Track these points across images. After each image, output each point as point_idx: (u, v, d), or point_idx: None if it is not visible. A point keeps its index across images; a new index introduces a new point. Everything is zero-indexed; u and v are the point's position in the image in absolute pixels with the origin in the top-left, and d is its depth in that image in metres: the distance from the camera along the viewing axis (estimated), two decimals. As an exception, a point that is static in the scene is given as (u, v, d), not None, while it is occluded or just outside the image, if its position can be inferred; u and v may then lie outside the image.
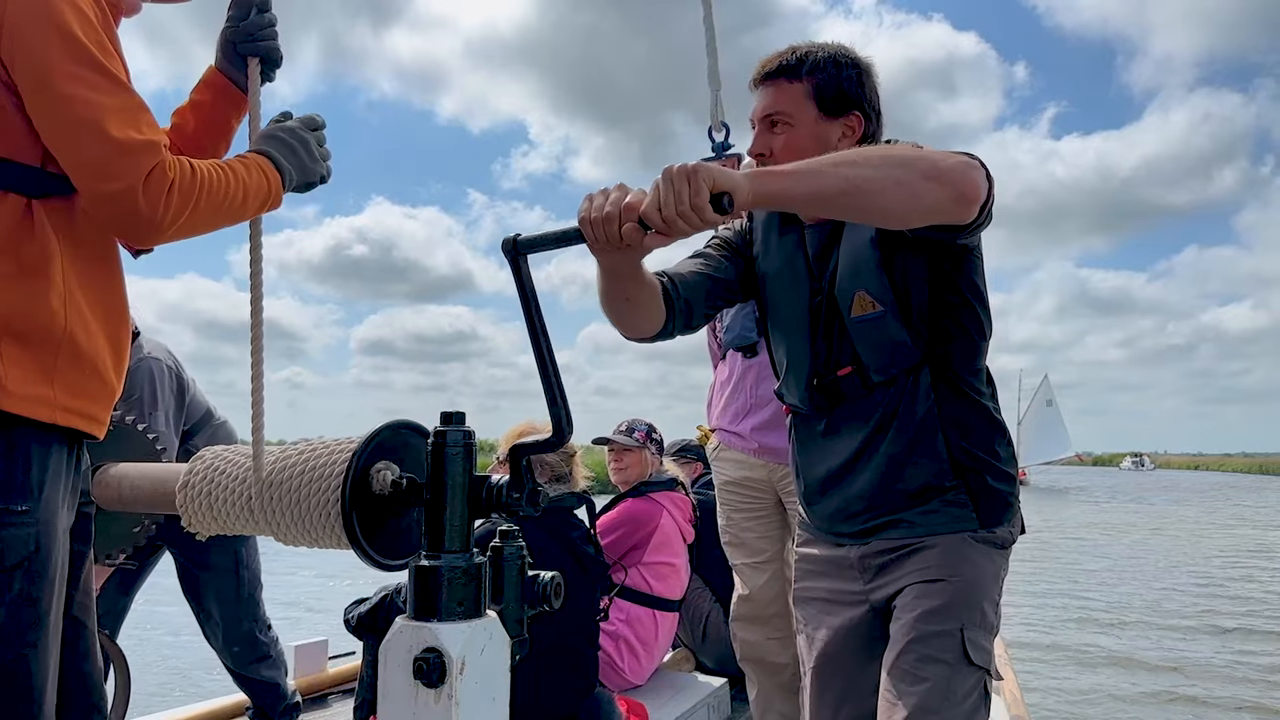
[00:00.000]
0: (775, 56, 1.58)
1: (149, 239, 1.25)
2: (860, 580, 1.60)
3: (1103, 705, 7.01)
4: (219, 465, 1.54)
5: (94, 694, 1.38)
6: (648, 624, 2.77)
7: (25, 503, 1.18)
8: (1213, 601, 11.87)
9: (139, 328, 2.52)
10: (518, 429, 2.53)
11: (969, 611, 1.47)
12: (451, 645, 1.13)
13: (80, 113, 1.17)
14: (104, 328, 1.30)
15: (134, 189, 1.18)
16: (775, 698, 2.67)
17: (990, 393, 1.58)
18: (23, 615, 1.18)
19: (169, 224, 1.22)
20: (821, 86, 1.54)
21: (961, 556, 1.51)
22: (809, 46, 1.57)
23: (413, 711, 1.18)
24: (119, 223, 1.22)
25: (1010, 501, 1.57)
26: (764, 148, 1.56)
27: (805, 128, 1.54)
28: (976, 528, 1.52)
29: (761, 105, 1.57)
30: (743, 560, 2.70)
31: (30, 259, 1.21)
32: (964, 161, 1.30)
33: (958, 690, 1.44)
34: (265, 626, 2.78)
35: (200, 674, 6.45)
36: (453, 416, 1.31)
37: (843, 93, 1.55)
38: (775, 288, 1.66)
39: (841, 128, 1.55)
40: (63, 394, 1.23)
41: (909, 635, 1.47)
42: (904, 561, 1.54)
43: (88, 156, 1.18)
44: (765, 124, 1.57)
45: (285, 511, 1.42)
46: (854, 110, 1.56)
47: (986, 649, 1.48)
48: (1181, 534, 22.19)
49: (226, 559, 2.67)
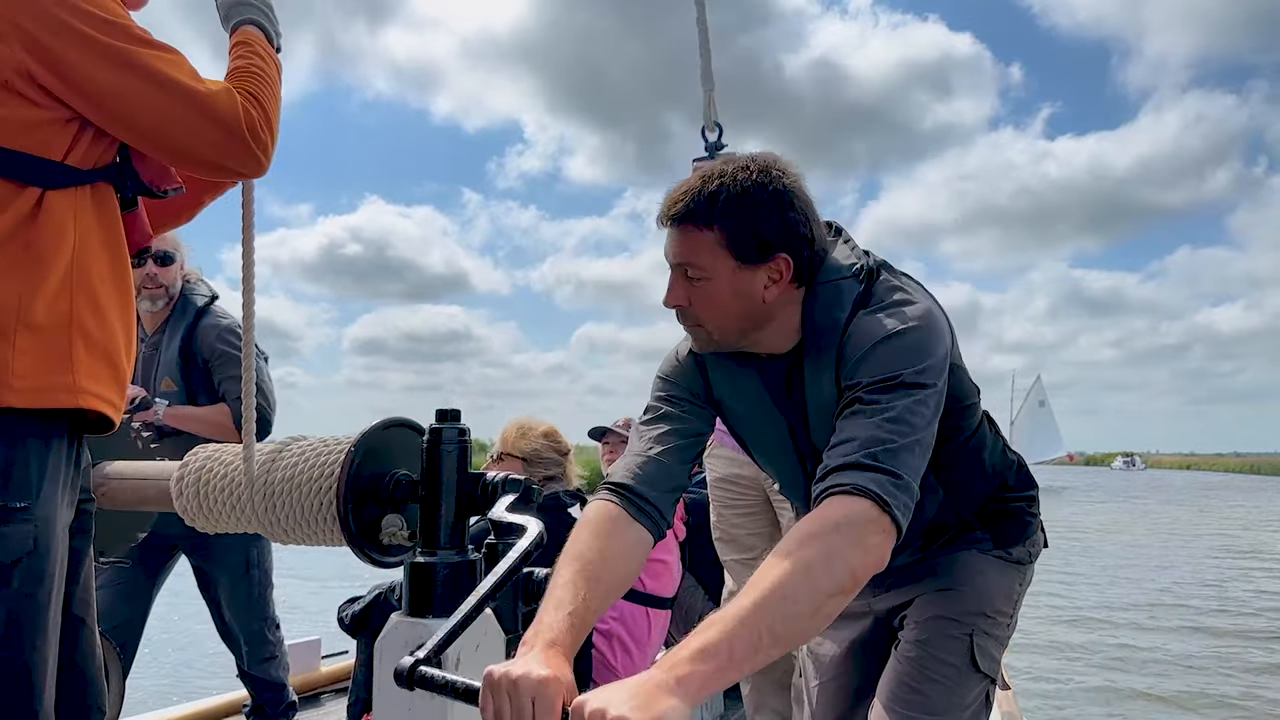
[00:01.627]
0: (681, 194, 1.34)
1: (261, 169, 1.41)
2: (868, 594, 1.58)
3: (1092, 707, 7.05)
4: (211, 465, 1.55)
5: (94, 693, 1.38)
6: (641, 621, 2.78)
7: (24, 500, 1.19)
8: (1204, 601, 11.94)
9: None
10: (515, 427, 2.54)
11: (979, 619, 1.49)
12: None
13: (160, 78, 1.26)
14: (115, 314, 1.31)
15: (238, 132, 1.32)
16: (768, 694, 2.67)
17: (991, 441, 1.54)
18: (21, 613, 1.18)
19: (272, 146, 1.39)
20: (735, 235, 1.31)
21: (974, 569, 1.52)
22: (719, 180, 1.32)
23: (408, 706, 1.19)
24: (236, 166, 1.37)
25: (1027, 520, 1.58)
26: (681, 299, 1.36)
27: (723, 280, 1.33)
28: (991, 547, 1.54)
29: (672, 250, 1.36)
30: (733, 556, 2.71)
31: (42, 248, 1.22)
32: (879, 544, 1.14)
33: (964, 696, 1.45)
34: (274, 625, 2.80)
35: (191, 673, 6.45)
36: (448, 414, 1.32)
37: (761, 238, 1.31)
38: (749, 427, 1.54)
39: (766, 274, 1.33)
40: (83, 378, 1.24)
41: (918, 637, 1.48)
42: (914, 575, 1.56)
43: (182, 117, 1.28)
44: (679, 273, 1.36)
45: (280, 510, 1.43)
46: (779, 253, 1.32)
47: (994, 658, 1.50)
48: (1172, 533, 22.30)
49: (238, 560, 2.68)
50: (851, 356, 1.31)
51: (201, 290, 2.73)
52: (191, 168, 1.39)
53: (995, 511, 1.55)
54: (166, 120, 1.27)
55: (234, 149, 1.33)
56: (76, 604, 1.35)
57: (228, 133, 1.31)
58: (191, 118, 1.28)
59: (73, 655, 1.34)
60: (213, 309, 2.70)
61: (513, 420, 2.59)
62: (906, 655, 1.48)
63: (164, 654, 7.19)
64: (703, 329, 1.38)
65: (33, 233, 1.22)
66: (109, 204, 1.33)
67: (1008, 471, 1.58)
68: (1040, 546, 1.63)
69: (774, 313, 1.36)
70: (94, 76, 1.22)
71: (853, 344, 1.32)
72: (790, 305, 1.37)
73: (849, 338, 1.33)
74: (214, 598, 2.75)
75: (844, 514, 1.14)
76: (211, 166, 1.37)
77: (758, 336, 1.39)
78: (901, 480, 1.17)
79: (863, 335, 1.31)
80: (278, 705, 2.80)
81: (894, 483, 1.16)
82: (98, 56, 1.22)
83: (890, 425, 1.21)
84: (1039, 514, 1.62)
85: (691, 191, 1.33)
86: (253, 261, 1.60)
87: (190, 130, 1.29)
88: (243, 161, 1.36)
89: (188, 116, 1.28)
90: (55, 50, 1.19)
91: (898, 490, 1.16)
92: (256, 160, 1.37)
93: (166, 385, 2.64)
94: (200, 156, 1.33)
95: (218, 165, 1.36)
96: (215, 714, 3.07)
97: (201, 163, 1.36)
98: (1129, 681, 7.75)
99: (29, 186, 1.22)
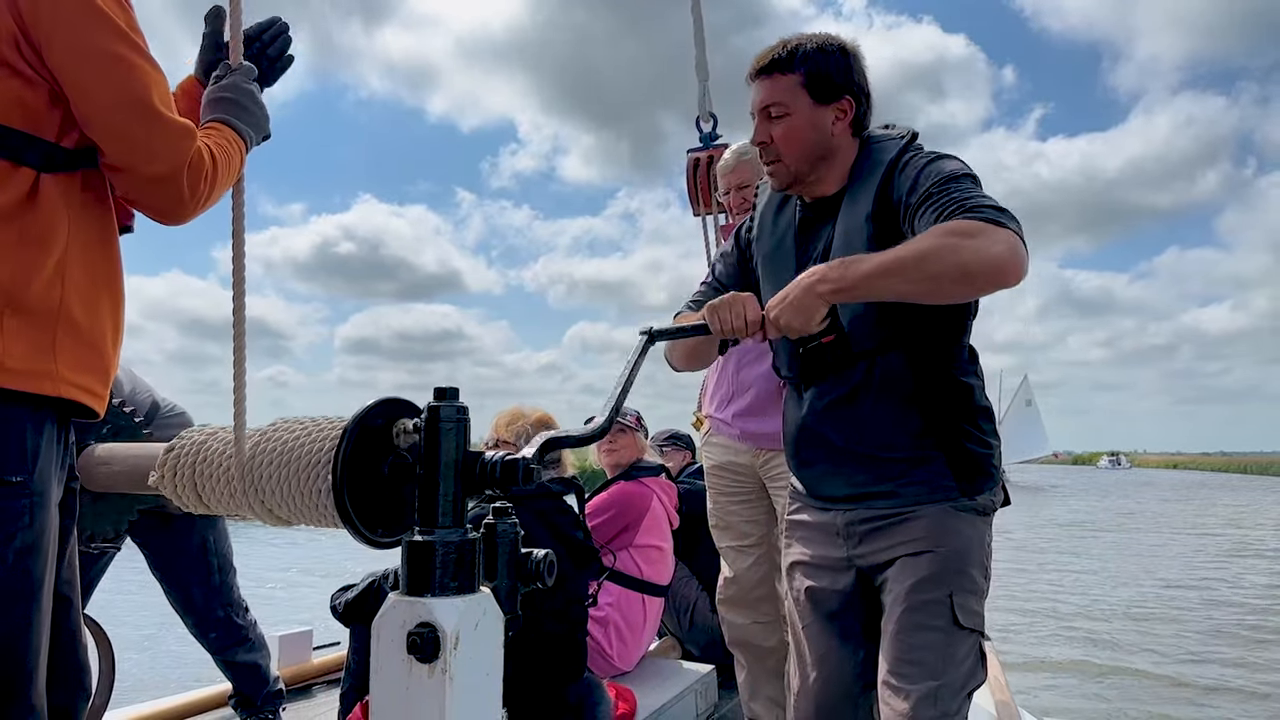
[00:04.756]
0: (767, 51, 1.68)
1: (180, 219, 1.31)
2: (845, 546, 1.68)
3: (1087, 702, 7.08)
4: (204, 442, 1.52)
5: (81, 674, 1.36)
6: (636, 608, 2.77)
7: (20, 474, 1.17)
8: (1185, 596, 12.04)
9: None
10: (508, 414, 2.53)
11: (957, 578, 1.55)
12: (446, 620, 1.12)
13: (126, 94, 1.20)
14: (104, 305, 1.29)
15: (179, 171, 1.24)
16: (763, 681, 2.67)
17: (974, 370, 1.65)
18: (15, 589, 1.16)
19: (200, 206, 1.29)
20: (812, 76, 1.64)
21: (945, 528, 1.58)
22: (798, 39, 1.67)
23: (406, 687, 1.17)
24: (159, 204, 1.28)
25: (991, 470, 1.63)
26: (765, 135, 1.67)
27: (801, 115, 1.65)
28: (958, 496, 1.60)
29: (759, 98, 1.68)
30: (729, 543, 2.71)
31: (35, 231, 1.20)
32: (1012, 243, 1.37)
33: (955, 653, 1.51)
34: (242, 609, 2.75)
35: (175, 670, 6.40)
36: (446, 392, 1.30)
37: (831, 80, 1.65)
38: (767, 267, 1.79)
39: (834, 112, 1.66)
40: (65, 368, 1.22)
41: (901, 606, 1.54)
42: (889, 531, 1.62)
43: (137, 135, 1.21)
44: (764, 115, 1.67)
45: (274, 489, 1.40)
46: (844, 95, 1.66)
47: (976, 611, 1.56)
48: (1156, 530, 22.51)
49: (193, 546, 2.63)
50: (908, 177, 1.55)
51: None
52: (120, 182, 1.29)
53: (959, 439, 1.61)
54: (119, 130, 1.21)
55: (170, 183, 1.24)
56: (63, 584, 1.33)
57: (170, 165, 1.23)
58: (141, 132, 1.22)
59: (60, 636, 1.32)
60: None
61: (506, 409, 2.58)
62: (895, 628, 1.54)
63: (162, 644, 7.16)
64: (781, 163, 1.68)
65: (27, 215, 1.20)
66: (102, 190, 1.31)
67: (978, 409, 1.64)
68: (1003, 498, 1.69)
69: (836, 151, 1.67)
70: (72, 59, 1.18)
71: (903, 172, 1.57)
72: (847, 148, 1.68)
73: (899, 170, 1.59)
74: (176, 588, 2.69)
75: (972, 225, 1.36)
76: (140, 187, 1.27)
77: (821, 172, 1.68)
78: (1007, 213, 1.39)
79: (913, 165, 1.57)
80: (260, 691, 2.76)
81: (1002, 214, 1.38)
82: (85, 38, 1.18)
83: (974, 196, 1.42)
84: (1000, 465, 1.67)
85: (775, 48, 1.67)
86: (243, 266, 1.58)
87: (136, 145, 1.22)
88: (171, 198, 1.26)
89: (140, 131, 1.22)
90: (45, 20, 1.16)
91: (1008, 220, 1.37)
92: (182, 204, 1.27)
93: None
94: (136, 172, 1.24)
95: (145, 190, 1.27)
96: (205, 705, 3.04)
97: (132, 181, 1.26)
98: (1123, 679, 7.79)
99: (22, 167, 1.20)
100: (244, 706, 2.77)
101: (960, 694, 1.50)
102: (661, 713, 2.73)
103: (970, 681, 1.53)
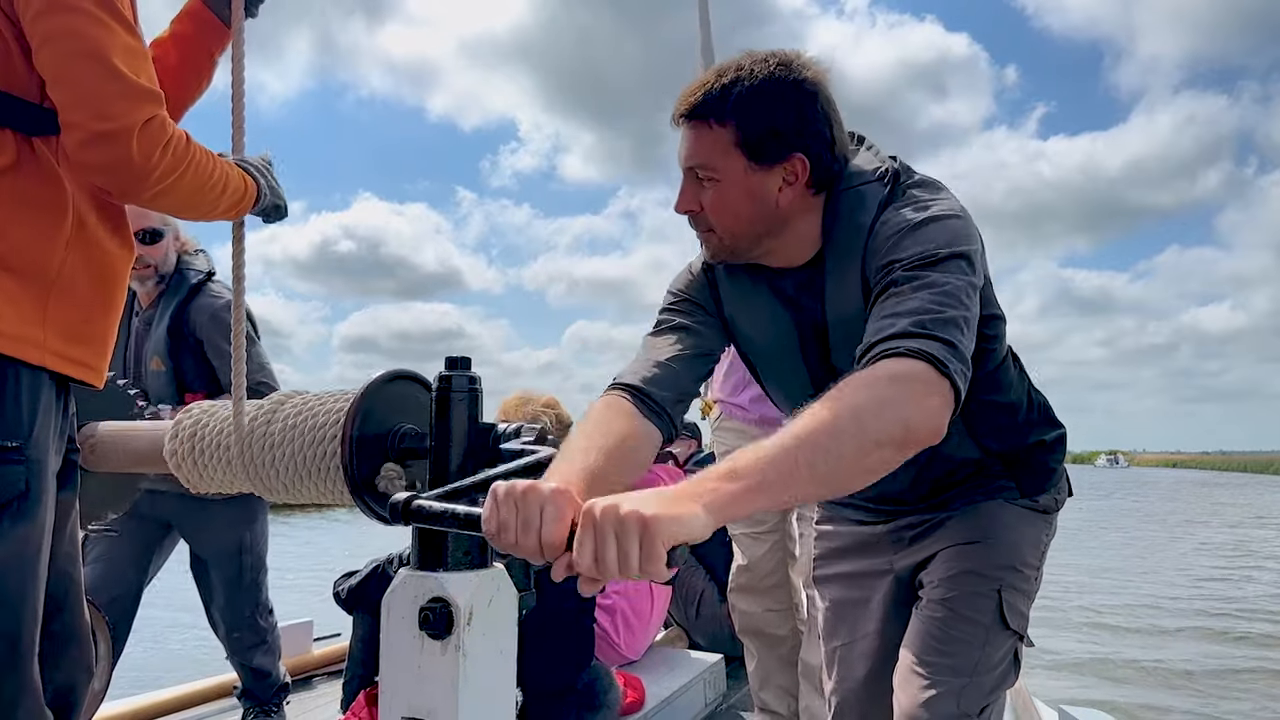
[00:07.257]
0: (696, 86, 1.25)
1: (133, 190, 1.20)
2: (889, 552, 1.53)
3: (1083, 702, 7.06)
4: (206, 419, 1.48)
5: (82, 652, 1.32)
6: (644, 595, 2.75)
7: (15, 440, 1.14)
8: (1173, 595, 12.05)
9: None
10: (515, 399, 2.50)
11: (1009, 574, 1.41)
12: (459, 595, 1.08)
13: (85, 45, 1.14)
14: (105, 275, 1.26)
15: (129, 131, 1.14)
16: (774, 670, 2.65)
17: (1016, 378, 1.46)
18: (9, 558, 1.13)
19: (157, 180, 1.18)
20: (747, 132, 1.22)
21: (999, 521, 1.44)
22: (737, 70, 1.23)
23: (417, 665, 1.13)
24: (107, 166, 1.17)
25: (1053, 468, 1.50)
26: (692, 204, 1.29)
27: (734, 183, 1.25)
28: (1017, 496, 1.46)
29: (683, 152, 1.28)
30: (742, 530, 2.68)
31: (35, 195, 1.17)
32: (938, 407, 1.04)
33: (993, 655, 1.37)
34: (267, 611, 2.74)
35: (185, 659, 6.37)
36: (458, 361, 1.26)
37: (776, 136, 1.22)
38: (760, 348, 1.45)
39: (780, 176, 1.25)
40: (54, 338, 1.19)
41: (943, 595, 1.40)
42: (937, 529, 1.48)
43: (87, 89, 1.14)
44: (690, 175, 1.29)
45: (279, 463, 1.36)
46: (794, 154, 1.24)
47: (1023, 614, 1.42)
48: (1157, 530, 22.56)
49: (230, 542, 2.62)
50: (882, 247, 1.20)
51: (198, 264, 2.65)
52: (69, 140, 1.18)
53: (1020, 454, 1.46)
54: (71, 78, 1.14)
55: (116, 141, 1.14)
56: (63, 558, 1.29)
57: (120, 123, 1.14)
58: (93, 84, 1.14)
59: (60, 612, 1.28)
60: (207, 287, 2.60)
61: (514, 392, 2.56)
62: (932, 615, 1.40)
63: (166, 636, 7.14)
64: (714, 235, 1.30)
65: (19, 178, 1.16)
66: None
67: (1033, 411, 1.48)
68: (1065, 494, 1.55)
69: (789, 219, 1.28)
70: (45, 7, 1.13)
71: (881, 237, 1.22)
72: (808, 213, 1.29)
73: (875, 234, 1.23)
74: (206, 582, 2.69)
75: (900, 370, 1.02)
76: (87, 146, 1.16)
77: (772, 245, 1.30)
78: (957, 349, 1.05)
79: (892, 226, 1.21)
80: (268, 689, 2.75)
81: (949, 350, 1.04)
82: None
83: (937, 297, 1.10)
84: (1064, 459, 1.53)
85: (705, 85, 1.24)
86: (243, 264, 1.55)
87: (86, 97, 1.14)
88: (118, 159, 1.15)
89: (93, 82, 1.14)
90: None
91: (953, 358, 1.04)
92: (130, 166, 1.16)
93: (155, 365, 2.57)
94: (84, 128, 1.15)
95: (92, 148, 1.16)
96: (208, 695, 3.01)
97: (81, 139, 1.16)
98: (1117, 682, 7.78)
99: (7, 129, 1.16)
100: (249, 698, 2.75)
101: (987, 698, 1.37)
102: (670, 702, 2.71)
103: (1000, 686, 1.40)
